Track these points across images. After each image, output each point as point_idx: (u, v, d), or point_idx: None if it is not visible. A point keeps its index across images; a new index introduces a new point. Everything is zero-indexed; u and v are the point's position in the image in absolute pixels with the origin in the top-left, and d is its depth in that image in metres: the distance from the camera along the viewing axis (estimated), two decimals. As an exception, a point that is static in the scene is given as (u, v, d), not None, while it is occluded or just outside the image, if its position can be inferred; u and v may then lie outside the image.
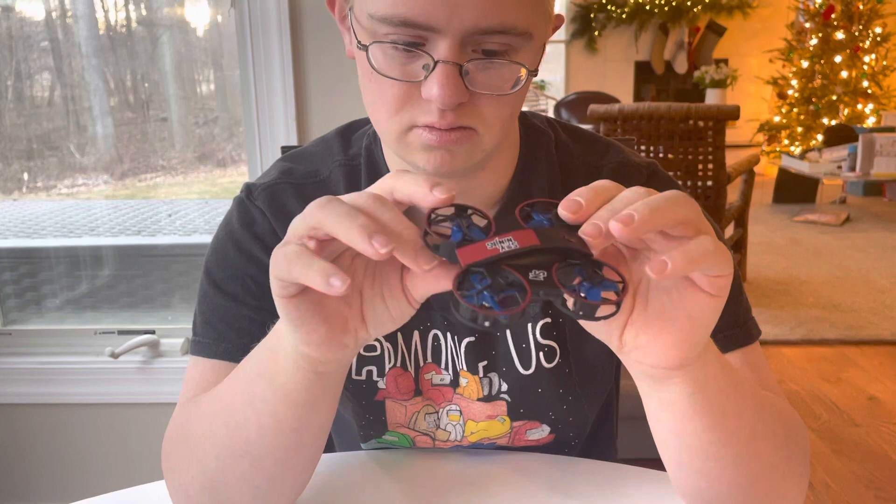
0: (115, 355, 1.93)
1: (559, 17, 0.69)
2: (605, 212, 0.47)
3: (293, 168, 0.83)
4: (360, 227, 0.46)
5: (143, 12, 2.33)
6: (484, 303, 0.45)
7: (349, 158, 0.82)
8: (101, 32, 2.30)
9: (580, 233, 0.47)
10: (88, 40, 2.27)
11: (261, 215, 0.80)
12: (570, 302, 0.47)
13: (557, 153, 0.82)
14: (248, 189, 0.82)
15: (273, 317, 0.76)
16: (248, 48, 1.79)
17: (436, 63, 0.60)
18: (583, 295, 0.47)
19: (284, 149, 1.15)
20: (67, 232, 2.50)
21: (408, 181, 0.49)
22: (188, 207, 2.65)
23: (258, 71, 1.79)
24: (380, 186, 0.51)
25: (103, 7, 2.30)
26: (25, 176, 2.41)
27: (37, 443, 2.06)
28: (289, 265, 0.48)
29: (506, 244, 0.47)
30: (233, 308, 0.78)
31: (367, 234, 0.45)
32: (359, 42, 0.64)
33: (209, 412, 0.68)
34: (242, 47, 1.80)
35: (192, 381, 0.78)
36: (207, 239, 2.38)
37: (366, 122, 0.86)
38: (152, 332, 2.01)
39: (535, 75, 0.67)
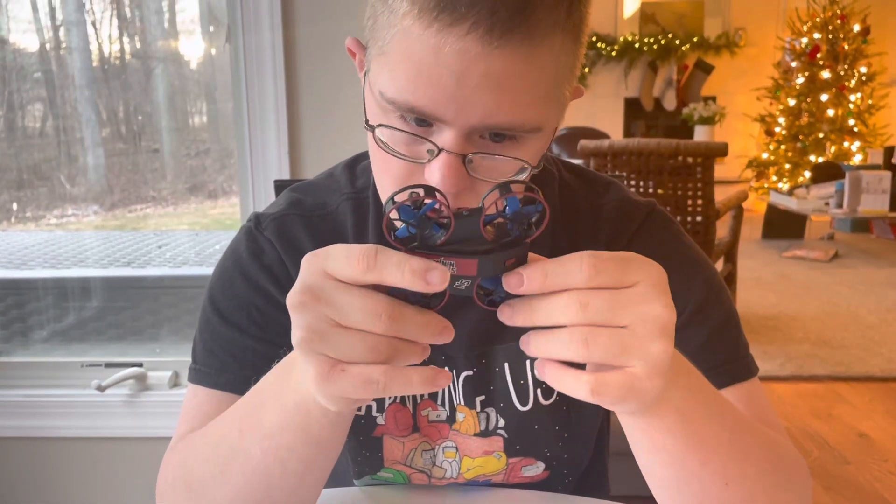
0: (101, 388, 1.91)
1: (577, 89, 0.68)
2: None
3: (302, 199, 0.83)
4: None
5: (138, 45, 2.34)
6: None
7: (357, 191, 0.82)
8: (95, 64, 2.31)
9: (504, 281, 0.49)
10: (82, 72, 2.28)
11: (269, 246, 0.79)
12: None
13: (560, 192, 0.82)
14: (257, 219, 0.82)
15: (276, 348, 0.75)
16: (242, 82, 1.79)
17: (439, 151, 0.60)
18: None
19: (277, 182, 1.15)
20: (56, 263, 2.48)
21: (392, 268, 0.48)
22: (178, 239, 2.64)
23: (252, 104, 1.80)
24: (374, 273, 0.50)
25: (98, 39, 2.32)
26: (14, 206, 2.40)
27: (20, 477, 2.02)
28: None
29: (445, 266, 0.48)
30: (237, 338, 0.77)
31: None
32: (366, 121, 0.64)
33: (215, 457, 0.66)
34: (237, 81, 1.81)
35: (191, 411, 0.77)
36: (197, 271, 2.38)
37: None
38: (140, 365, 1.99)
39: (539, 169, 0.66)
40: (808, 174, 6.65)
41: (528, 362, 0.80)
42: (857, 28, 7.05)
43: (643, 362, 0.48)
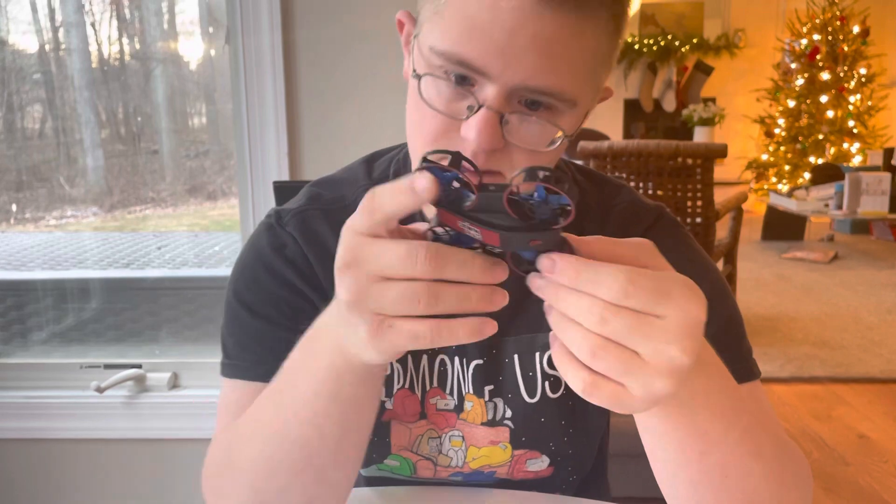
0: (100, 390, 1.91)
1: (608, 89, 0.71)
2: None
3: (321, 194, 0.84)
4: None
5: (137, 46, 2.34)
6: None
7: (374, 182, 0.83)
8: (94, 66, 2.31)
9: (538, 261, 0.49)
10: (81, 73, 2.28)
11: (291, 240, 0.80)
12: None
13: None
14: (278, 214, 0.83)
15: None
16: (241, 83, 1.79)
17: (479, 106, 0.62)
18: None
19: (276, 183, 1.15)
20: (55, 264, 2.48)
21: (386, 197, 0.48)
22: (177, 240, 2.64)
23: (251, 105, 1.80)
24: (367, 219, 0.50)
25: (97, 40, 2.32)
26: (14, 207, 2.40)
27: (19, 478, 2.02)
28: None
29: (471, 233, 0.49)
30: (268, 330, 0.78)
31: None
32: (414, 70, 0.67)
33: (256, 435, 0.67)
34: (236, 83, 1.81)
35: (231, 405, 0.77)
36: (196, 272, 2.38)
37: (389, 150, 0.88)
38: (139, 367, 1.99)
39: (571, 139, 0.68)
40: (807, 175, 6.66)
41: (537, 355, 0.81)
42: (856, 29, 7.05)
43: (643, 390, 0.48)
